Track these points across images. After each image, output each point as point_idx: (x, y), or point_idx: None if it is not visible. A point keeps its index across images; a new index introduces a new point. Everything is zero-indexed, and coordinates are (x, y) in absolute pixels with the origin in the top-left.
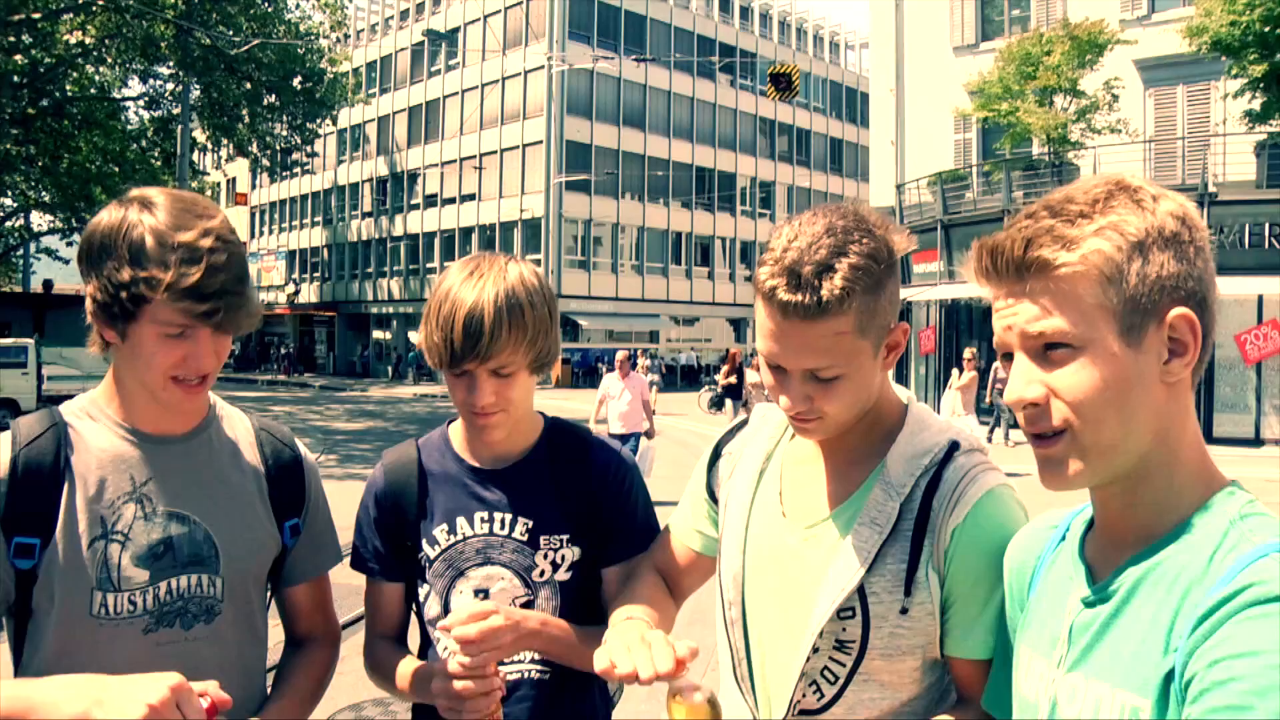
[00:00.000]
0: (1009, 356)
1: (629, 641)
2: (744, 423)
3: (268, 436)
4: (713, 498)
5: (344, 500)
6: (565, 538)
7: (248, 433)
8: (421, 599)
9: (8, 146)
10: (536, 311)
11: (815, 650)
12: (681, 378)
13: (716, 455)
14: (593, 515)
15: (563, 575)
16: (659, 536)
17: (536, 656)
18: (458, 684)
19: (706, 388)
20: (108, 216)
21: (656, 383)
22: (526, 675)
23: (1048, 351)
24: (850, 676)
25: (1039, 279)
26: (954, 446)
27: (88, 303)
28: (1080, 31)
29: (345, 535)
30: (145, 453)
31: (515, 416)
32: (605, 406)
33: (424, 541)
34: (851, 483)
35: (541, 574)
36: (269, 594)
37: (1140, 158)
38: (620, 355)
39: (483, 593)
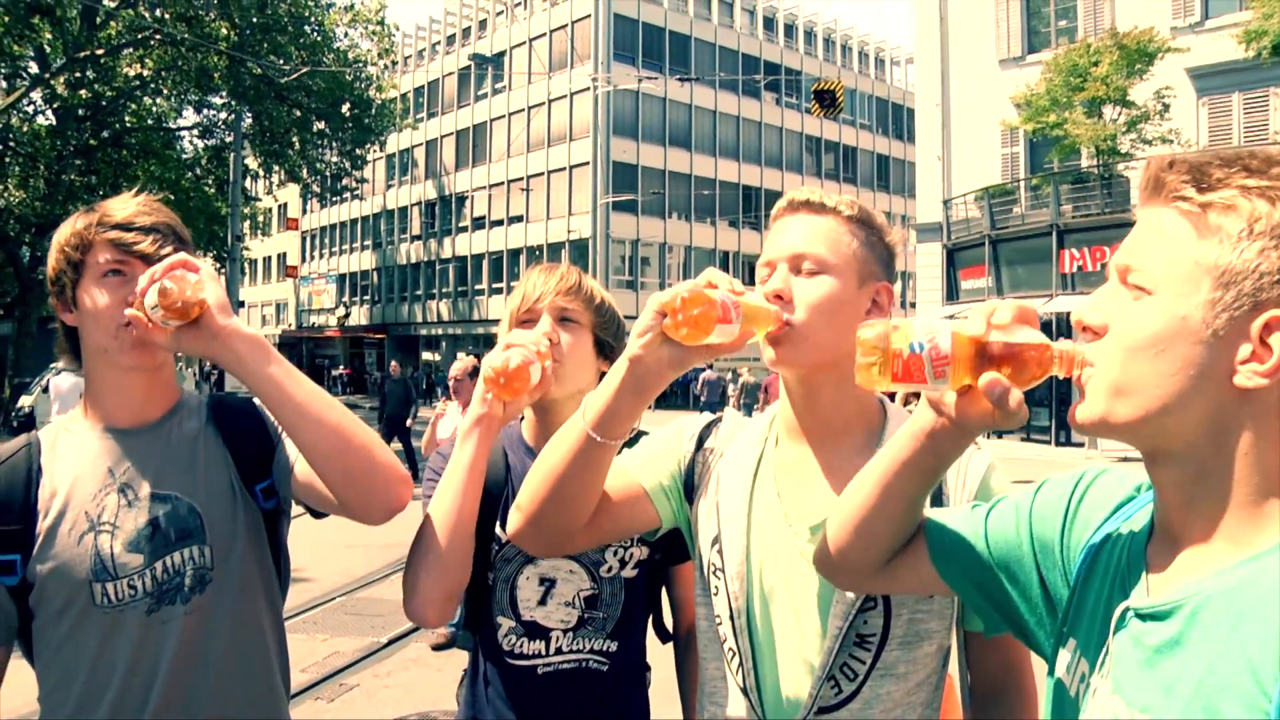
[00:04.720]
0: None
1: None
2: (718, 420)
3: (223, 406)
4: (687, 482)
5: (397, 520)
6: (635, 537)
7: (203, 409)
8: (489, 584)
9: (73, 177)
10: (602, 295)
11: (839, 646)
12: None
13: (699, 445)
14: None
15: (629, 573)
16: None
17: (596, 647)
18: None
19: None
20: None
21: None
22: (585, 664)
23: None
24: (870, 670)
25: (1158, 203)
26: None
27: (50, 290)
28: (1129, 40)
29: (398, 551)
30: (120, 445)
31: (566, 374)
32: (441, 425)
33: (497, 525)
34: (852, 474)
35: (609, 570)
36: (286, 562)
37: None
38: (456, 372)
39: (549, 581)
